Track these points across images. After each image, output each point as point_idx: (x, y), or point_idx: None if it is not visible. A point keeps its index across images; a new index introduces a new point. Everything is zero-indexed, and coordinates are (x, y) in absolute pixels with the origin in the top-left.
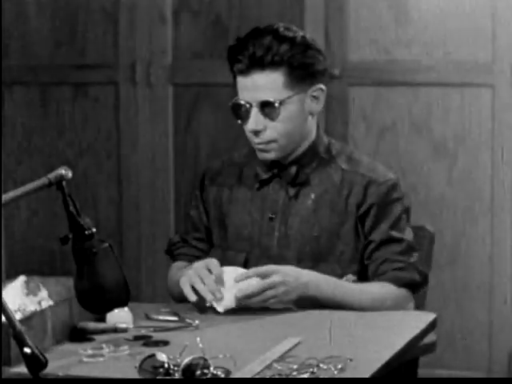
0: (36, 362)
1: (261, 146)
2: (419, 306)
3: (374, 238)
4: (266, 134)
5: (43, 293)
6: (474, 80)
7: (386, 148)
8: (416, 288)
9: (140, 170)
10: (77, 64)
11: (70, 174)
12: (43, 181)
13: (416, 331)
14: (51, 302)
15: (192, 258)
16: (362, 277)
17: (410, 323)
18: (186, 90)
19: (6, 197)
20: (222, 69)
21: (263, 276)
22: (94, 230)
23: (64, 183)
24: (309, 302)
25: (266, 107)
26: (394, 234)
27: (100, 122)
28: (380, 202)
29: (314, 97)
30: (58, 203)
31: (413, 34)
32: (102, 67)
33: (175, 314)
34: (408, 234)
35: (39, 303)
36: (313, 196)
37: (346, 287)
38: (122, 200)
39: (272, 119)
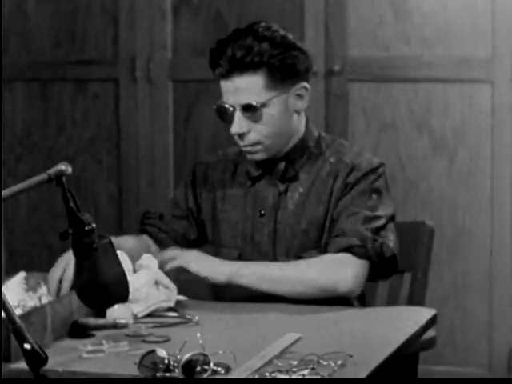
0: (36, 358)
1: (247, 149)
2: (419, 303)
3: (335, 212)
4: (251, 136)
5: (43, 289)
6: (474, 76)
7: (386, 144)
8: (360, 253)
9: (140, 166)
10: (77, 60)
11: (69, 170)
12: (43, 176)
13: (416, 327)
14: (51, 298)
15: (159, 234)
16: None
17: (410, 319)
18: (185, 86)
19: (6, 192)
20: None
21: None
22: (94, 225)
23: (64, 179)
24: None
25: (249, 110)
26: (352, 207)
27: (100, 118)
28: (354, 183)
29: (298, 95)
30: (58, 199)
31: (413, 30)
32: (101, 63)
33: (175, 310)
34: (377, 212)
35: (39, 299)
36: (301, 190)
37: (273, 263)
38: (121, 195)
39: (255, 122)
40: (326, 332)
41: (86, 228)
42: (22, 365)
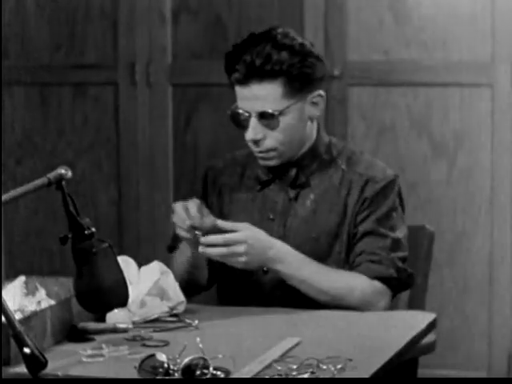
0: (36, 362)
1: (261, 155)
2: (419, 306)
3: (359, 229)
4: (266, 142)
5: (41, 293)
6: (474, 80)
7: (386, 148)
8: (393, 285)
9: (139, 170)
10: (76, 64)
11: (69, 174)
12: (43, 180)
13: (416, 331)
14: (51, 302)
15: None
16: None
17: (410, 323)
18: (185, 90)
19: (6, 196)
20: (222, 69)
21: (233, 230)
22: (94, 229)
23: (64, 183)
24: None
25: (265, 117)
26: (379, 228)
27: (99, 122)
28: (373, 196)
29: (313, 103)
30: (58, 203)
31: (412, 34)
32: (101, 67)
33: (174, 315)
34: (398, 233)
35: (38, 303)
36: (312, 197)
37: (316, 268)
38: (121, 200)
39: (271, 129)
40: (326, 336)
41: (86, 232)
42: (22, 369)
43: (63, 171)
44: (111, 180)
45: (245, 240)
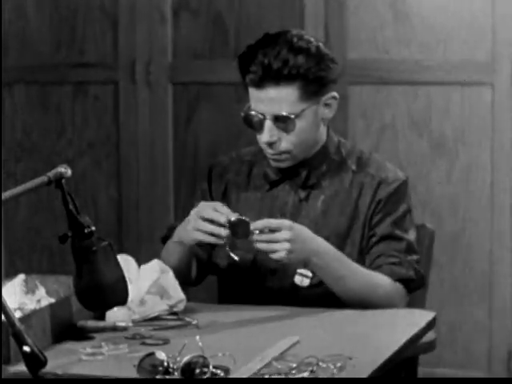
0: (35, 361)
1: (274, 157)
2: (419, 305)
3: (376, 232)
4: (281, 145)
5: (41, 291)
6: (474, 79)
7: (386, 146)
8: (411, 286)
9: (140, 169)
10: (77, 63)
11: (69, 172)
12: (43, 179)
13: (415, 329)
14: (50, 301)
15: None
16: None
17: (410, 321)
18: (185, 89)
19: (6, 194)
20: (222, 68)
21: (274, 229)
22: (94, 228)
23: (63, 181)
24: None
25: (281, 120)
26: (396, 231)
27: (100, 121)
28: (387, 199)
29: (326, 104)
30: (58, 201)
31: (412, 33)
32: (101, 66)
33: (174, 313)
34: (410, 235)
35: (38, 302)
36: (322, 198)
37: (347, 262)
38: (121, 198)
39: (286, 132)
40: (326, 334)
41: (86, 231)
42: (22, 367)
43: (63, 170)
44: (111, 179)
45: (291, 226)
